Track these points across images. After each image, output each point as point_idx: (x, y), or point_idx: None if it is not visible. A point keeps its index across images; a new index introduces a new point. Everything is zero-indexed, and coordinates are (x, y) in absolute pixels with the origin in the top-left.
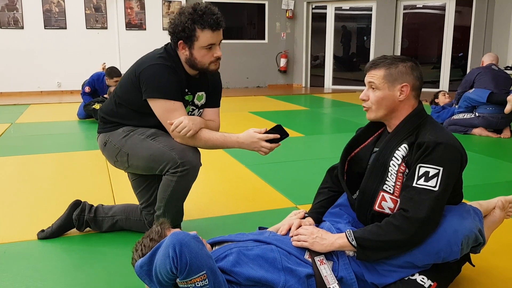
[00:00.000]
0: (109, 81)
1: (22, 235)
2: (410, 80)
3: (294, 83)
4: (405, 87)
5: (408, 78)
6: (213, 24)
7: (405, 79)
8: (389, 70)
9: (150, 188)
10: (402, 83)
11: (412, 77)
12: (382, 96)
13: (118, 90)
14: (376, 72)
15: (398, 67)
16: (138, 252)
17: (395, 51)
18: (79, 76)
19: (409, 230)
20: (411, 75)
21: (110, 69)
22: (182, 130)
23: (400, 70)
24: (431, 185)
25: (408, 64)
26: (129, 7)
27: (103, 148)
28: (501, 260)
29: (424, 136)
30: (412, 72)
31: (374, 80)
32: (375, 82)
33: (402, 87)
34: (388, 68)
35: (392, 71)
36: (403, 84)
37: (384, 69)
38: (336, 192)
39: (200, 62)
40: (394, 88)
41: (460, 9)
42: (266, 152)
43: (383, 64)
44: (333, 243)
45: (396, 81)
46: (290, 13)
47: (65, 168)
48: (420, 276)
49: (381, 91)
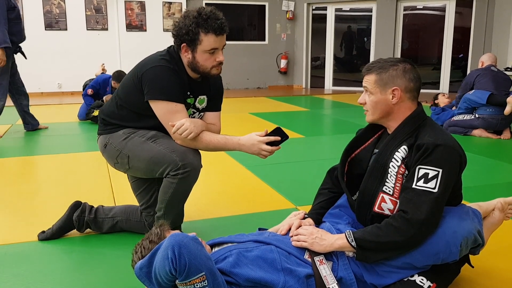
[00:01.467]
0: (115, 84)
1: (23, 236)
2: (402, 83)
3: (294, 84)
4: (396, 91)
5: (399, 81)
6: (217, 29)
7: (396, 82)
8: (379, 75)
9: (150, 189)
10: (392, 87)
11: (403, 80)
12: (375, 100)
13: (119, 91)
14: (368, 77)
15: (388, 71)
16: (137, 254)
17: (395, 52)
18: (79, 77)
19: (408, 232)
20: (402, 78)
21: (118, 73)
22: (183, 132)
23: (390, 74)
24: (430, 187)
25: (400, 67)
26: (129, 8)
27: (103, 150)
28: (500, 261)
29: (424, 138)
30: (404, 75)
31: (367, 85)
32: (368, 87)
33: (393, 91)
34: (378, 73)
35: (382, 76)
36: (393, 87)
37: (375, 74)
38: (336, 193)
39: (202, 66)
40: (385, 92)
41: (460, 10)
42: (266, 155)
43: (375, 69)
44: (332, 244)
45: (386, 85)
46: (290, 14)
47: (65, 169)
48: (419, 277)
49: (374, 96)
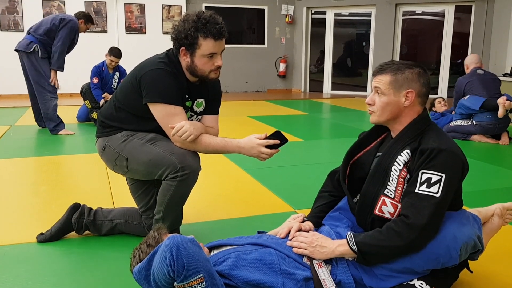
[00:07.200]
0: (107, 56)
1: (21, 237)
2: (416, 86)
3: (293, 88)
4: (410, 93)
5: (414, 84)
6: (216, 34)
7: (411, 85)
8: (395, 76)
9: (149, 192)
10: (407, 89)
11: (418, 84)
12: (387, 101)
13: (118, 94)
14: (382, 78)
15: (405, 73)
16: (135, 258)
17: (394, 57)
18: (78, 79)
19: (409, 236)
20: (417, 82)
21: (114, 47)
22: (183, 134)
23: (406, 76)
24: (433, 191)
25: (415, 70)
26: (129, 11)
27: (102, 153)
28: (499, 266)
29: (428, 143)
30: (419, 78)
31: (380, 85)
32: (381, 88)
33: (407, 93)
34: (394, 74)
35: (398, 77)
36: (408, 90)
37: (390, 74)
38: (337, 197)
39: (201, 70)
40: (399, 94)
41: (459, 15)
42: (265, 158)
43: (390, 69)
44: (333, 251)
45: (401, 87)
46: (289, 18)
47: (64, 170)
48: (418, 282)
49: (387, 97)
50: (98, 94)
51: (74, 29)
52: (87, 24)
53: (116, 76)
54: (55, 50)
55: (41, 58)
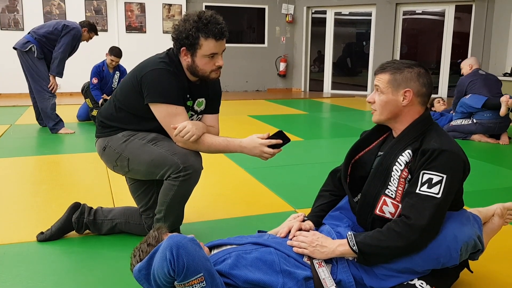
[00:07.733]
0: (108, 56)
1: (22, 236)
2: (415, 86)
3: (293, 87)
4: (408, 93)
5: (412, 84)
6: (217, 34)
7: (409, 85)
8: (394, 75)
9: (149, 192)
10: (405, 89)
11: (417, 84)
12: (385, 100)
13: (118, 94)
14: (382, 76)
15: (404, 73)
16: (136, 257)
17: (394, 56)
18: (78, 78)
19: (410, 237)
20: (416, 82)
21: (114, 47)
22: (185, 135)
23: (405, 75)
24: (434, 192)
25: (415, 70)
26: (129, 10)
27: (102, 153)
28: (499, 265)
29: (429, 143)
30: (418, 78)
31: (379, 84)
32: (380, 86)
33: (405, 92)
34: (393, 73)
35: (396, 76)
36: (406, 89)
37: (389, 73)
38: (337, 196)
39: (202, 70)
40: (397, 93)
41: (459, 15)
42: (267, 158)
43: (389, 68)
44: (334, 251)
45: (399, 86)
46: (290, 18)
47: (64, 170)
48: (419, 281)
49: (385, 95)
50: (97, 95)
51: (77, 37)
52: (90, 33)
53: (117, 76)
54: (56, 56)
55: (38, 58)
